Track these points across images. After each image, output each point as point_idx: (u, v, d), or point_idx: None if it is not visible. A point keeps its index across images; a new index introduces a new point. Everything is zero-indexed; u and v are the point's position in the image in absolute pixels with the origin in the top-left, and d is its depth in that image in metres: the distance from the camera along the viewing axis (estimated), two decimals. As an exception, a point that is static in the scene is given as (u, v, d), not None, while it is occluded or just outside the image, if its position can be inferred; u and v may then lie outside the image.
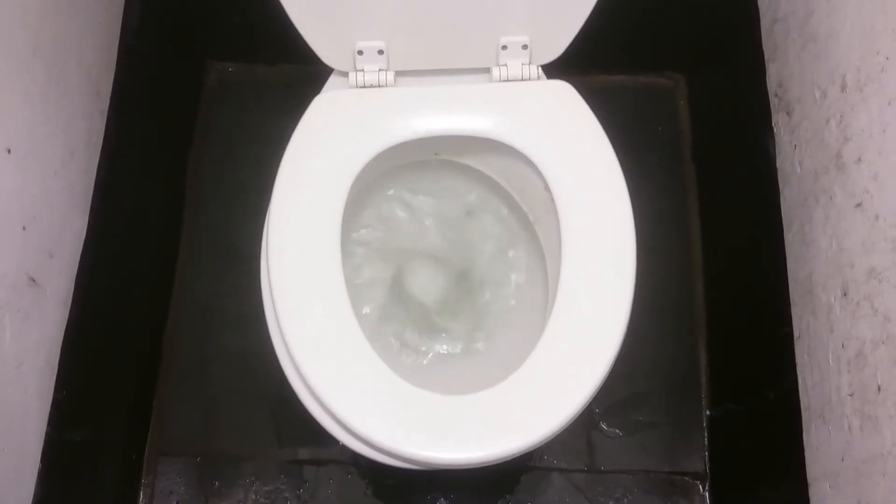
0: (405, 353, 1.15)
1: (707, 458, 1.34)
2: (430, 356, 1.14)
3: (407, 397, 0.91)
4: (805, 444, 1.06)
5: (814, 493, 1.04)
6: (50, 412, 1.09)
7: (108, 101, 1.23)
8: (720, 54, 1.41)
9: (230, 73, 1.55)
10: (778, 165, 1.17)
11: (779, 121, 1.17)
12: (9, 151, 0.96)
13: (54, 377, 1.10)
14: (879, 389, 0.88)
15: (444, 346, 1.16)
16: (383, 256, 1.19)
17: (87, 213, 1.18)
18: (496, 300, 1.16)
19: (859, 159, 0.93)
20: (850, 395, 0.94)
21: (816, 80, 1.05)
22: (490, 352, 1.12)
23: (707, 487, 1.32)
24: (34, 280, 1.03)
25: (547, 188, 1.02)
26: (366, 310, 1.15)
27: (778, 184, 1.17)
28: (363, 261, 1.19)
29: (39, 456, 1.07)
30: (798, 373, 1.09)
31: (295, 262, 0.96)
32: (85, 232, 1.17)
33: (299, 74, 1.10)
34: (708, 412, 1.36)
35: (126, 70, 1.26)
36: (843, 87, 0.97)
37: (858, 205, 0.93)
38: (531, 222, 1.12)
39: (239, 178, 1.46)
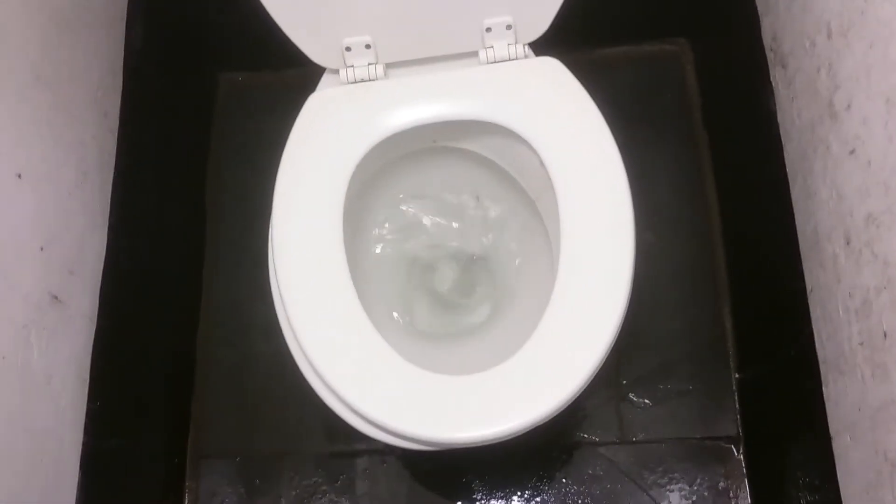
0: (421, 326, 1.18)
1: (739, 420, 1.33)
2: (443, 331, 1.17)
3: (418, 381, 0.93)
4: (825, 397, 1.05)
5: (836, 446, 1.03)
6: (85, 423, 1.13)
7: (117, 121, 1.27)
8: (719, 14, 1.39)
9: (240, 82, 1.59)
10: (779, 120, 1.16)
11: (776, 74, 1.16)
12: (19, 176, 1.01)
13: (86, 389, 1.14)
14: (885, 336, 0.87)
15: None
16: (396, 250, 1.22)
17: (106, 230, 1.22)
18: (505, 277, 1.17)
19: (849, 105, 0.92)
20: (860, 345, 0.93)
21: (805, 30, 1.04)
22: (499, 328, 1.13)
23: (741, 450, 1.32)
24: (57, 297, 1.07)
25: (543, 164, 1.02)
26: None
27: (781, 139, 1.16)
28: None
29: (78, 465, 1.11)
30: (813, 327, 1.08)
31: (300, 263, 0.99)
32: (105, 247, 1.21)
33: (306, 76, 1.13)
34: (737, 375, 1.35)
35: (133, 89, 1.30)
36: (829, 35, 0.96)
37: (852, 152, 0.92)
38: (532, 200, 1.13)
39: (257, 183, 1.47)
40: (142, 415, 1.29)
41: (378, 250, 1.20)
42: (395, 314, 1.17)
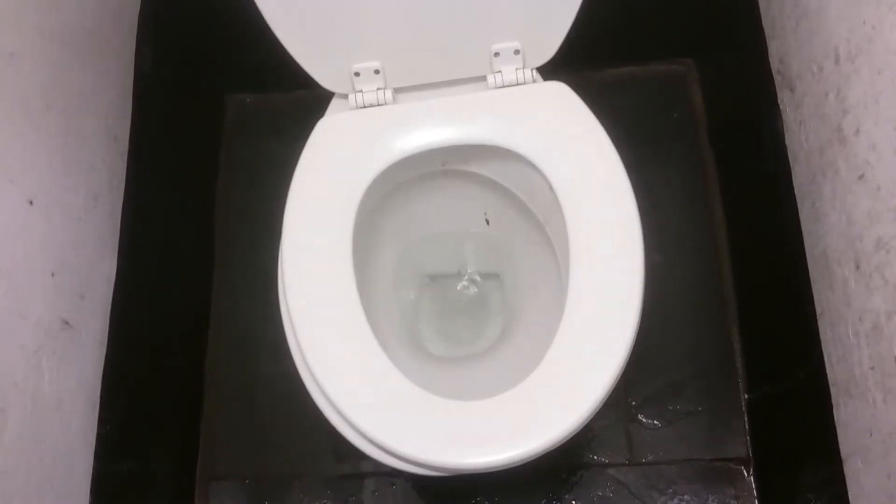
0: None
1: (749, 442, 1.33)
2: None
3: (429, 407, 0.93)
4: (836, 420, 1.05)
5: (848, 469, 1.03)
6: (95, 447, 1.14)
7: (127, 145, 1.28)
8: (725, 35, 1.40)
9: (248, 104, 1.60)
10: (787, 143, 1.16)
11: (784, 98, 1.16)
12: (31, 203, 1.01)
13: (97, 413, 1.15)
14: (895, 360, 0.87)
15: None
16: (406, 273, 1.23)
17: (116, 254, 1.22)
18: (514, 300, 1.17)
19: (858, 131, 0.93)
20: (871, 369, 0.93)
21: (813, 55, 1.04)
22: (508, 351, 1.14)
23: (751, 472, 1.31)
24: (67, 323, 1.08)
25: (551, 188, 1.03)
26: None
27: (789, 161, 1.16)
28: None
29: (88, 490, 1.12)
30: (823, 349, 1.08)
31: (310, 287, 0.99)
32: (115, 272, 1.21)
33: (315, 99, 1.13)
34: (746, 396, 1.35)
35: (142, 113, 1.31)
36: (837, 60, 0.96)
37: (861, 176, 0.92)
38: (541, 223, 1.13)
39: (266, 205, 1.48)
40: (151, 437, 1.29)
41: (387, 273, 1.20)
42: (404, 337, 1.18)
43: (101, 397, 1.16)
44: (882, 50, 0.86)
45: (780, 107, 1.18)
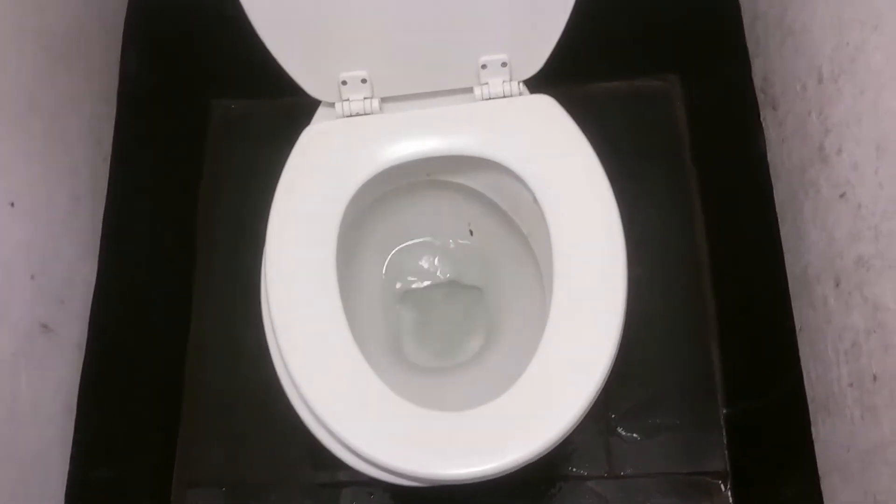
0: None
1: (727, 456, 1.33)
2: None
3: (411, 417, 0.93)
4: (814, 436, 1.06)
5: (825, 486, 1.03)
6: (72, 453, 1.12)
7: (110, 149, 1.27)
8: (710, 52, 1.41)
9: (233, 109, 1.59)
10: (770, 160, 1.17)
11: (766, 116, 1.17)
12: (12, 205, 1.01)
13: (74, 418, 1.14)
14: (875, 379, 0.88)
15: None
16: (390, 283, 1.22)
17: (97, 258, 1.21)
18: (497, 310, 1.18)
19: (840, 150, 0.94)
20: (849, 386, 0.94)
21: (797, 74, 1.05)
22: (490, 362, 1.14)
23: (729, 486, 1.32)
24: (46, 326, 1.07)
25: (536, 201, 1.03)
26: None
27: (771, 179, 1.17)
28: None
29: (63, 497, 1.10)
30: (802, 366, 1.09)
31: (293, 296, 0.99)
32: (95, 276, 1.20)
33: (301, 106, 1.13)
34: (724, 410, 1.35)
35: (126, 117, 1.30)
36: (820, 79, 0.97)
37: (842, 195, 0.93)
38: (525, 235, 1.13)
39: (249, 212, 1.48)
40: (129, 444, 1.28)
41: (371, 283, 1.20)
42: (387, 347, 1.17)
43: (79, 403, 1.15)
44: (864, 70, 0.87)
45: (763, 124, 1.19)
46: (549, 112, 1.07)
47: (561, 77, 1.13)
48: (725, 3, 1.29)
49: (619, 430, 1.37)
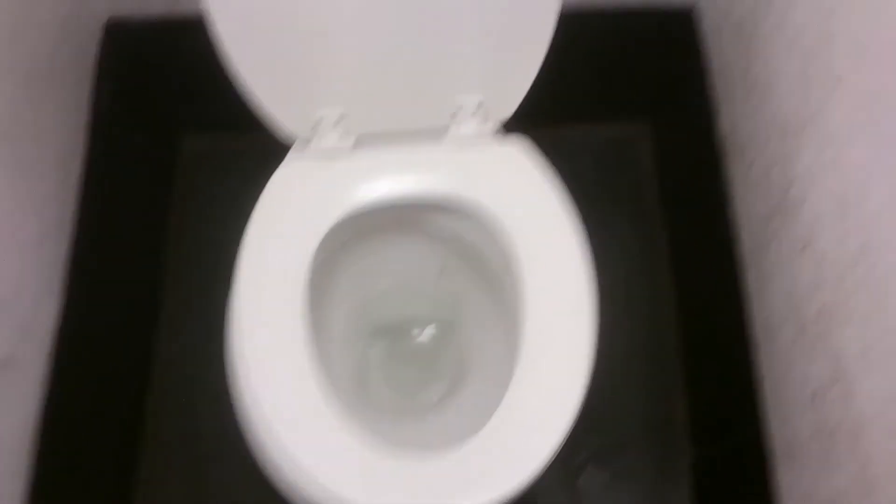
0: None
1: (691, 501, 1.34)
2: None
3: (377, 461, 0.92)
4: (777, 483, 1.07)
5: (788, 533, 1.04)
6: (29, 490, 1.10)
7: (78, 182, 1.26)
8: (679, 100, 1.44)
9: (205, 144, 1.59)
10: (735, 208, 1.19)
11: (733, 164, 1.20)
12: (-23, 238, 0.99)
13: (32, 456, 1.11)
14: (837, 428, 0.89)
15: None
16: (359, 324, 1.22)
17: (63, 291, 1.20)
18: (466, 351, 1.18)
19: (804, 201, 0.96)
20: (812, 435, 0.95)
21: (762, 125, 1.08)
22: (458, 405, 1.13)
23: (693, 532, 1.32)
24: (9, 359, 1.05)
25: (507, 245, 1.04)
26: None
27: (737, 227, 1.19)
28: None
29: (17, 535, 1.08)
30: (766, 414, 1.10)
31: (261, 340, 0.98)
32: (60, 310, 1.19)
33: (274, 141, 1.13)
34: (689, 456, 1.36)
35: (97, 150, 1.30)
36: (784, 133, 1.00)
37: (805, 247, 0.95)
38: (495, 276, 1.14)
39: (218, 249, 1.48)
40: (87, 483, 1.25)
41: (340, 324, 1.20)
42: (356, 389, 1.17)
43: (38, 438, 1.13)
44: (826, 126, 0.90)
45: (730, 173, 1.21)
46: (522, 155, 1.08)
47: (535, 119, 1.14)
48: (694, 53, 1.31)
49: (587, 474, 1.37)
